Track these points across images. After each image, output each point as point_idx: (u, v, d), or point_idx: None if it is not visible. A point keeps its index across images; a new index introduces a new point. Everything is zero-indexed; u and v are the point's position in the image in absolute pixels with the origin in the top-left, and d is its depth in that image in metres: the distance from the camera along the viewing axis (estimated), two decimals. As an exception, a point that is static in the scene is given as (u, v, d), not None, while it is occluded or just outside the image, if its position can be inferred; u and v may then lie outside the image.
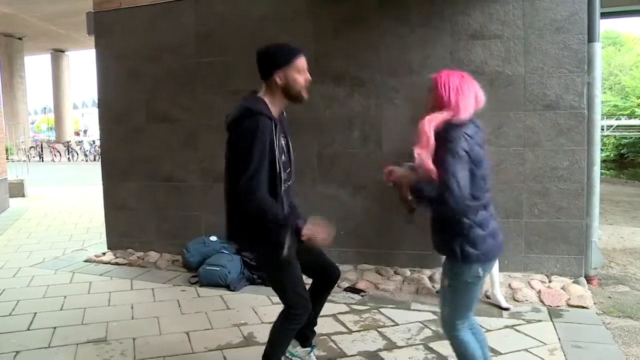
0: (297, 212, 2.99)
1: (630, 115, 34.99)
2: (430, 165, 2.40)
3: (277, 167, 2.67)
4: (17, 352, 3.59)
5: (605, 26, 37.41)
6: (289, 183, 2.87)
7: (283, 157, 2.76)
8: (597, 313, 4.20)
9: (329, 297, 4.46)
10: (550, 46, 4.76)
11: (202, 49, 5.79)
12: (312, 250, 2.99)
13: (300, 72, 2.77)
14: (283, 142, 2.81)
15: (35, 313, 4.32)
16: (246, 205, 2.62)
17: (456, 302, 2.66)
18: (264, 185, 2.62)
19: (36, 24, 26.10)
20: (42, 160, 27.65)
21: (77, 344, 3.69)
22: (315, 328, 3.36)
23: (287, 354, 3.24)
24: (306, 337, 3.29)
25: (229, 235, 2.88)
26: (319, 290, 3.22)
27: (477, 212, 2.59)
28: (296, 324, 2.91)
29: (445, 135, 2.43)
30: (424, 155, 2.41)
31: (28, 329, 4.00)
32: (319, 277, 3.21)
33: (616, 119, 34.43)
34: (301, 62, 2.79)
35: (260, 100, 2.73)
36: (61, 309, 4.47)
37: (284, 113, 2.94)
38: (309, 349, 3.31)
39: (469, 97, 2.50)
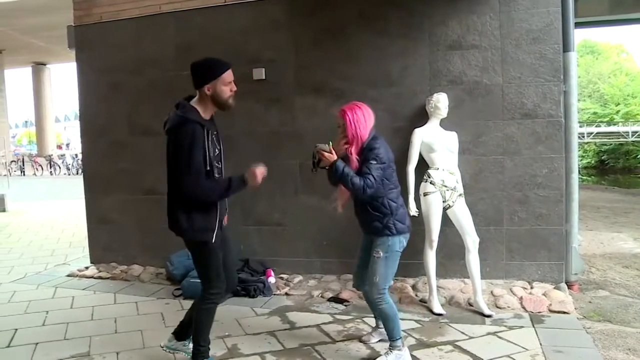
0: (225, 206, 3.44)
1: (610, 122, 35.57)
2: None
3: (208, 163, 3.11)
4: (-3, 369, 3.56)
5: (582, 35, 38.09)
6: (220, 176, 3.31)
7: (216, 151, 3.23)
8: (577, 318, 4.26)
9: (313, 308, 4.49)
10: (527, 56, 4.85)
11: (183, 61, 5.75)
12: (225, 255, 3.45)
13: (226, 84, 3.19)
14: (215, 139, 3.24)
15: (16, 329, 4.27)
16: (194, 194, 3.12)
17: (387, 270, 3.42)
18: (202, 175, 3.10)
19: (16, 37, 25.90)
20: (24, 174, 27.36)
21: (60, 360, 3.67)
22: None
23: (164, 348, 3.61)
24: (184, 334, 3.58)
25: (170, 225, 3.30)
26: None
27: (399, 196, 3.47)
28: (211, 303, 3.36)
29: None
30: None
31: (8, 346, 3.95)
32: None
33: (596, 126, 34.93)
34: (228, 75, 3.21)
35: (192, 108, 3.18)
36: (43, 325, 4.42)
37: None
38: (185, 341, 3.57)
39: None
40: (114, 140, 6.20)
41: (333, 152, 3.32)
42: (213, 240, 3.25)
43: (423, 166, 4.64)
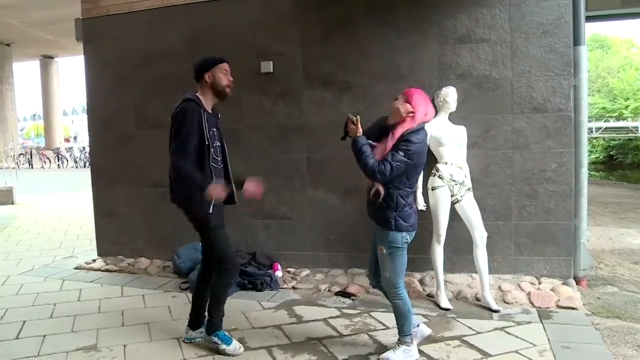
0: (231, 187, 3.63)
1: (619, 117, 35.25)
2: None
3: (206, 140, 3.39)
4: (5, 361, 3.57)
5: (592, 29, 37.69)
6: (222, 166, 3.58)
7: (216, 142, 3.51)
8: (586, 314, 4.23)
9: (320, 302, 4.49)
10: (537, 50, 4.80)
11: (191, 54, 5.75)
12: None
13: (224, 73, 3.51)
14: (215, 133, 3.52)
15: (25, 321, 4.29)
16: (174, 170, 3.41)
17: (395, 265, 3.37)
18: (189, 155, 3.36)
19: (25, 30, 25.96)
20: (32, 167, 27.46)
21: (67, 352, 3.67)
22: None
23: (185, 340, 3.81)
24: (196, 323, 3.80)
25: (172, 198, 3.55)
26: (207, 277, 3.70)
27: (409, 195, 3.36)
28: (227, 278, 3.59)
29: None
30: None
31: (17, 338, 3.97)
32: (208, 263, 3.70)
33: (605, 121, 34.62)
34: (225, 65, 3.54)
35: (194, 95, 3.49)
36: (51, 317, 4.44)
37: (219, 115, 3.68)
38: (201, 329, 3.78)
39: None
40: (121, 134, 6.21)
41: (359, 126, 3.32)
42: (211, 211, 3.42)
43: (431, 160, 4.61)
